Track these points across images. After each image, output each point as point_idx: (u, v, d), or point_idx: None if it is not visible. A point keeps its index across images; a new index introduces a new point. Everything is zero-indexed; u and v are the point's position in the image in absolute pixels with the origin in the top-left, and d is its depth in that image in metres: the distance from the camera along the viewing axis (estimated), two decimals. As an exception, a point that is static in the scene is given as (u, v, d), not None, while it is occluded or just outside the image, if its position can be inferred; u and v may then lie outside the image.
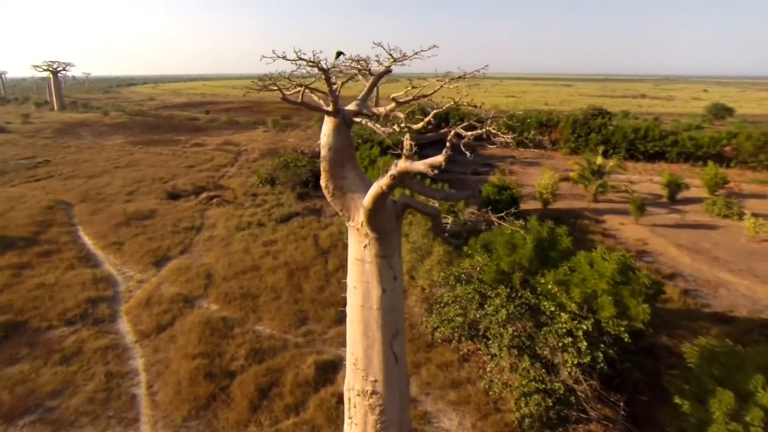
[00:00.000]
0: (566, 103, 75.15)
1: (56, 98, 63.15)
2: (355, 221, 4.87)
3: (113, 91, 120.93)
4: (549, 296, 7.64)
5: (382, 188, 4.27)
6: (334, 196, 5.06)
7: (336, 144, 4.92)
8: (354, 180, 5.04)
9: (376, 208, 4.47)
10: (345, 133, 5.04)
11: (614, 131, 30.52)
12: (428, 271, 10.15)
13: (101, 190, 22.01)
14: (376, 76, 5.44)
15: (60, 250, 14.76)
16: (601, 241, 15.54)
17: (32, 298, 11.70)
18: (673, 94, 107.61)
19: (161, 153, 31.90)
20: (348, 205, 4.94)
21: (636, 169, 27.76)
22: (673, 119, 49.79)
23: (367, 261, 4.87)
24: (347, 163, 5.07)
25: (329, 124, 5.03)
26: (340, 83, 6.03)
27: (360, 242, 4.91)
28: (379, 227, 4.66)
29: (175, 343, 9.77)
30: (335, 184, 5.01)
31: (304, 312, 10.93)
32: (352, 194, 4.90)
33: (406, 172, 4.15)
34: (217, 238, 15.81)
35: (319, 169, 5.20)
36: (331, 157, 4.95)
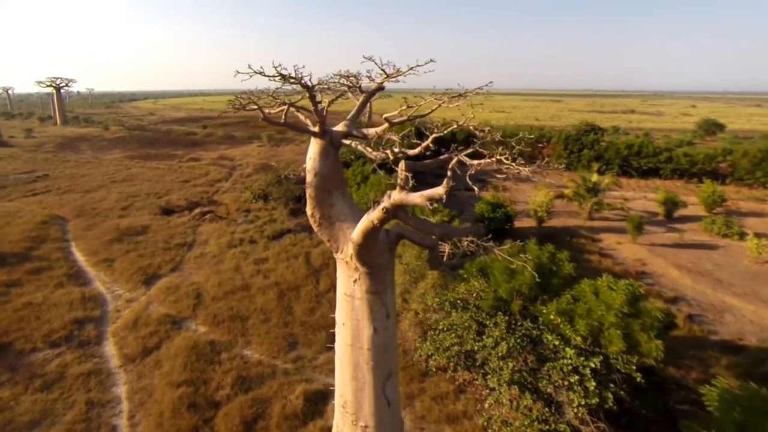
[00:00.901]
0: (556, 118, 75.92)
1: (59, 113, 63.88)
2: (344, 254, 4.53)
3: (115, 106, 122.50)
4: (551, 328, 7.32)
5: (374, 222, 3.96)
6: (320, 226, 4.71)
7: (323, 168, 4.58)
8: (343, 208, 4.69)
9: (367, 242, 4.17)
10: (333, 157, 4.67)
11: (607, 147, 30.61)
12: (422, 295, 9.92)
13: (96, 204, 21.92)
14: (367, 93, 5.14)
15: (51, 267, 14.55)
16: (599, 261, 15.34)
17: (18, 318, 11.43)
18: (662, 110, 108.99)
19: (158, 168, 31.94)
20: (336, 235, 4.60)
21: (630, 185, 27.73)
22: (663, 135, 50.19)
23: (357, 297, 4.55)
24: (335, 189, 4.70)
25: (315, 147, 4.69)
26: (327, 102, 5.73)
27: (349, 276, 4.58)
28: (370, 262, 4.37)
29: (160, 369, 9.46)
30: (322, 212, 4.67)
31: (293, 336, 10.65)
32: (341, 224, 4.55)
33: (401, 205, 3.84)
34: (209, 255, 15.61)
35: None
36: (317, 183, 4.59)
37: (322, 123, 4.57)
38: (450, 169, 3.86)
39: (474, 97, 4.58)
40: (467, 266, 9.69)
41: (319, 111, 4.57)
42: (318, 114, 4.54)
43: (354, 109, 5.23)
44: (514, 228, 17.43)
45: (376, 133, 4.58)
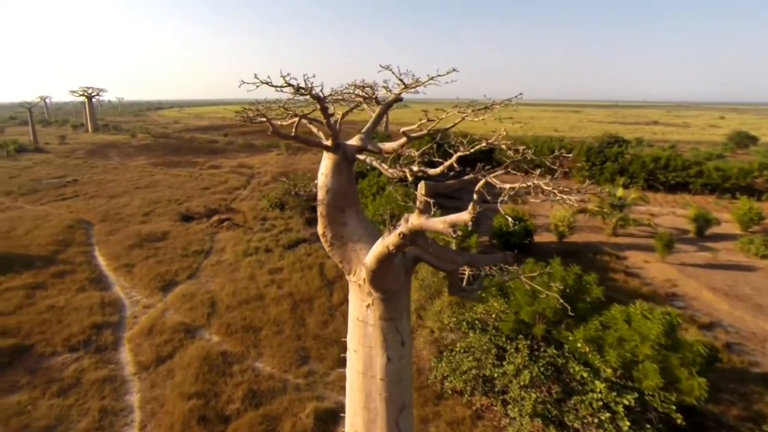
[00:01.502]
0: (576, 129, 74.18)
1: (90, 121, 67.15)
2: (357, 276, 4.27)
3: (143, 115, 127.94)
4: (578, 356, 6.85)
5: (389, 248, 3.67)
6: (332, 246, 4.45)
7: (335, 185, 4.32)
8: (356, 228, 4.42)
9: (381, 268, 3.91)
10: (346, 173, 4.40)
11: (632, 160, 29.43)
12: (438, 313, 9.57)
13: (120, 210, 22.61)
14: (384, 105, 4.89)
15: (74, 271, 14.95)
16: (625, 280, 14.58)
17: (41, 321, 11.71)
18: (688, 121, 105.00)
19: (179, 174, 32.86)
20: (348, 257, 4.34)
21: (656, 200, 26.52)
22: (691, 147, 48.19)
23: (370, 323, 4.27)
24: (348, 207, 4.43)
25: (328, 162, 4.42)
26: (341, 114, 5.48)
27: (362, 301, 4.32)
28: (384, 287, 4.11)
29: (172, 379, 9.43)
30: (334, 232, 4.40)
31: (306, 349, 10.46)
32: (354, 244, 4.29)
33: (420, 231, 3.54)
34: (225, 263, 15.72)
35: None
36: (329, 200, 4.34)
37: (334, 137, 4.35)
38: (477, 191, 3.56)
39: (502, 110, 4.25)
40: (485, 284, 9.31)
41: (332, 124, 4.32)
42: (330, 127, 4.30)
43: (369, 121, 4.99)
44: (533, 243, 16.84)
45: (393, 148, 4.31)
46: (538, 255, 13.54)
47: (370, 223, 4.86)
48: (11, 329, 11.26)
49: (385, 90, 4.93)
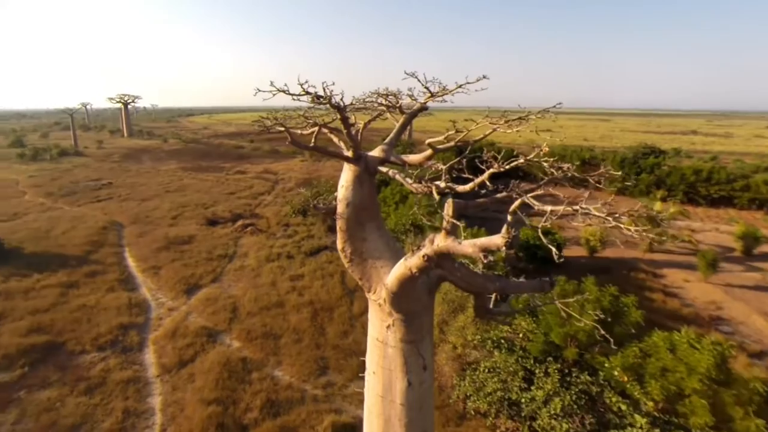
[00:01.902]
0: (606, 138, 71.42)
1: (125, 126, 70.91)
2: (377, 295, 4.02)
3: (174, 121, 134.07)
4: (614, 384, 6.32)
5: (412, 271, 3.44)
6: (351, 262, 4.23)
7: (356, 198, 4.12)
8: (377, 243, 4.18)
9: (403, 291, 3.68)
10: (368, 185, 4.20)
11: (670, 172, 27.84)
12: (461, 329, 9.19)
13: (150, 213, 23.46)
14: (408, 114, 4.67)
15: (105, 271, 15.51)
16: (663, 300, 13.62)
17: (73, 319, 12.13)
18: (731, 131, 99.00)
19: (207, 179, 33.91)
20: (368, 274, 4.11)
21: (697, 214, 24.92)
22: (735, 159, 45.20)
23: (391, 345, 4.03)
24: (369, 221, 4.21)
25: (349, 174, 4.23)
26: (363, 124, 5.33)
27: (382, 321, 4.08)
28: (405, 309, 3.87)
29: (193, 383, 9.47)
30: (353, 247, 4.18)
31: (325, 360, 10.29)
32: (374, 261, 4.06)
33: (446, 254, 3.28)
34: (248, 268, 15.88)
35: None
36: (349, 214, 4.14)
37: (356, 148, 4.15)
38: (511, 212, 3.28)
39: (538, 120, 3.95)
40: (512, 302, 8.84)
41: (353, 134, 4.11)
42: (351, 138, 4.09)
43: (393, 131, 4.78)
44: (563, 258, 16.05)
45: (417, 160, 4.08)
46: (568, 270, 12.88)
47: (392, 239, 4.63)
48: (46, 326, 11.72)
49: (410, 98, 4.74)
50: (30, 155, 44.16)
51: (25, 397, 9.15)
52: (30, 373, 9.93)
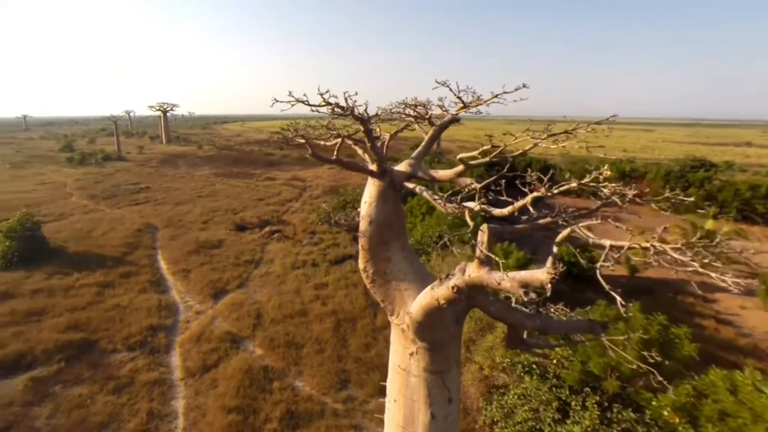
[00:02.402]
0: (648, 150, 67.61)
1: (164, 133, 75.03)
2: (400, 319, 3.74)
3: (210, 128, 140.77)
4: (663, 425, 5.68)
5: (439, 302, 3.14)
6: (373, 283, 4.00)
7: (380, 215, 3.87)
8: (401, 264, 3.92)
9: (429, 321, 3.41)
10: (393, 202, 3.95)
11: (722, 187, 25.68)
12: (489, 350, 8.67)
13: (183, 216, 24.35)
14: (438, 126, 4.37)
15: (138, 273, 16.10)
16: (715, 328, 12.40)
17: (107, 318, 12.59)
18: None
19: (237, 185, 34.99)
20: (391, 296, 3.85)
21: (754, 234, 22.85)
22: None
23: (414, 374, 3.71)
24: (394, 240, 3.95)
25: (373, 189, 4.00)
26: (389, 136, 5.13)
27: (405, 347, 3.77)
28: (430, 338, 3.57)
29: (215, 389, 9.48)
30: (376, 267, 3.94)
31: (346, 372, 10.03)
32: (398, 283, 3.80)
33: (480, 286, 2.96)
34: (273, 275, 16.00)
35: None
36: (372, 232, 3.88)
37: (380, 162, 3.91)
38: (558, 243, 2.94)
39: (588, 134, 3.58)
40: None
41: (377, 148, 3.89)
42: (375, 151, 3.85)
43: (421, 144, 4.50)
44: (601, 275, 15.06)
45: (447, 176, 3.75)
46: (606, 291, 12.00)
47: (418, 260, 4.34)
48: (82, 323, 12.22)
49: (441, 109, 4.50)
50: (78, 159, 47.46)
51: (59, 392, 9.47)
52: (65, 368, 10.31)
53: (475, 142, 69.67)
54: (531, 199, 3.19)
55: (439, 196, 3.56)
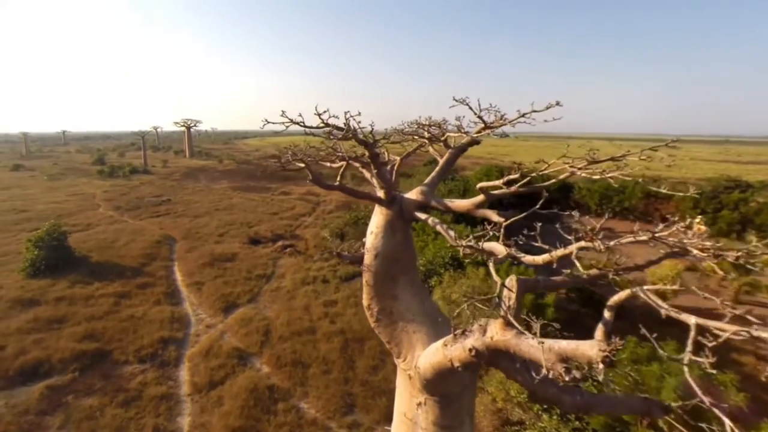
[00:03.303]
0: (674, 168, 65.18)
1: (188, 148, 78.09)
2: (407, 363, 3.36)
3: (231, 143, 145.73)
4: None
5: (452, 363, 2.78)
6: (378, 322, 3.57)
7: (387, 248, 3.49)
8: (410, 303, 3.50)
9: (439, 380, 3.05)
10: (402, 233, 3.56)
11: (760, 209, 24.05)
12: (504, 381, 8.30)
13: (200, 229, 24.96)
14: (455, 149, 4.00)
15: (155, 284, 16.47)
16: (755, 365, 11.51)
17: (121, 329, 12.84)
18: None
19: (253, 199, 35.76)
20: (398, 338, 3.43)
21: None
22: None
23: (422, 426, 3.32)
24: (402, 276, 3.54)
25: (380, 218, 3.65)
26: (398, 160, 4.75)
27: (412, 395, 3.39)
28: (441, 391, 3.22)
29: (220, 407, 9.41)
30: (381, 305, 3.53)
31: (352, 396, 9.79)
32: (406, 324, 3.40)
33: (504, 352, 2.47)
34: (283, 290, 16.05)
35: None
36: (378, 266, 3.50)
37: (388, 189, 3.59)
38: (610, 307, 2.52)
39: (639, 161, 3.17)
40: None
41: (384, 173, 3.53)
42: (383, 178, 3.51)
43: (435, 170, 4.09)
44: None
45: (465, 207, 3.30)
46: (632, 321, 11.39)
47: (428, 297, 3.90)
48: (98, 333, 12.50)
49: (458, 130, 4.10)
50: (107, 172, 49.85)
51: (72, 402, 9.62)
52: (79, 378, 10.51)
53: (488, 159, 69.10)
54: (577, 248, 2.67)
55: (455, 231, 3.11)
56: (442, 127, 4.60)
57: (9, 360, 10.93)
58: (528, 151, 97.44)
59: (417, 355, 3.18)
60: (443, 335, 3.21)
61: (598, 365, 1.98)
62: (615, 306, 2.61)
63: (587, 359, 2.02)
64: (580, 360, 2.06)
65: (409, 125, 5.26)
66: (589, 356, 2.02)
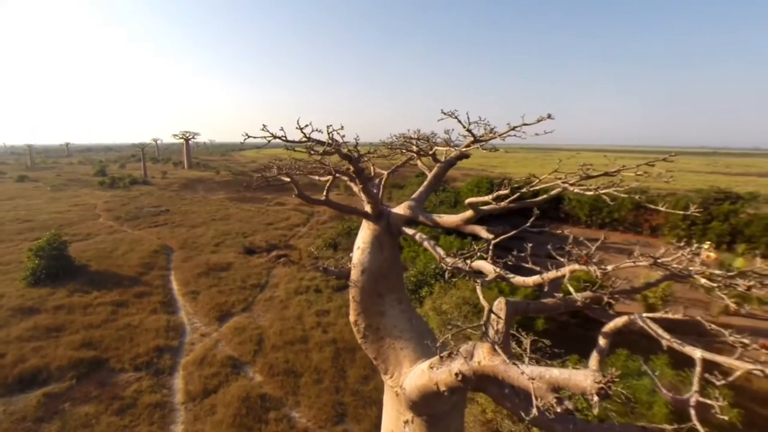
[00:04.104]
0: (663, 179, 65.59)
1: (186, 159, 78.77)
2: (394, 381, 3.37)
3: (228, 155, 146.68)
4: None
5: (438, 387, 2.74)
6: (365, 339, 3.62)
7: (374, 264, 3.50)
8: (397, 319, 3.51)
9: (425, 402, 3.05)
10: (389, 249, 3.59)
11: (750, 221, 24.12)
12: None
13: (197, 239, 25.31)
14: (443, 163, 3.93)
15: (151, 293, 16.76)
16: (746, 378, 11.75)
17: (118, 337, 13.11)
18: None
19: (249, 209, 36.20)
20: (385, 354, 3.45)
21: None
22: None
23: None
24: (389, 293, 3.55)
25: (367, 233, 3.66)
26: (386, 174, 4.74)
27: (399, 413, 3.36)
28: (427, 411, 3.22)
29: (213, 415, 9.67)
30: (368, 321, 3.56)
31: (344, 405, 10.08)
32: (393, 341, 3.40)
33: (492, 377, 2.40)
34: (277, 299, 16.37)
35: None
36: (364, 282, 3.52)
37: (374, 203, 3.60)
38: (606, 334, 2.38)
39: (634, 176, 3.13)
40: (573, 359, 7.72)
41: (369, 189, 3.50)
42: (368, 193, 3.50)
43: (423, 184, 4.12)
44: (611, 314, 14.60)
45: (453, 223, 3.28)
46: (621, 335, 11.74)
47: (416, 314, 3.88)
48: (95, 342, 12.76)
49: (447, 144, 4.00)
50: (108, 183, 50.30)
51: (68, 410, 9.86)
52: (76, 386, 10.75)
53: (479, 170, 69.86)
54: (570, 272, 2.56)
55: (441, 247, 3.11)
56: (431, 140, 4.53)
57: (8, 367, 11.18)
58: (519, 162, 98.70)
59: (404, 372, 3.18)
60: (431, 353, 3.20)
61: (592, 397, 1.86)
62: (610, 333, 2.55)
63: (581, 390, 1.90)
64: (573, 390, 1.97)
65: (397, 138, 5.24)
66: (583, 387, 1.90)
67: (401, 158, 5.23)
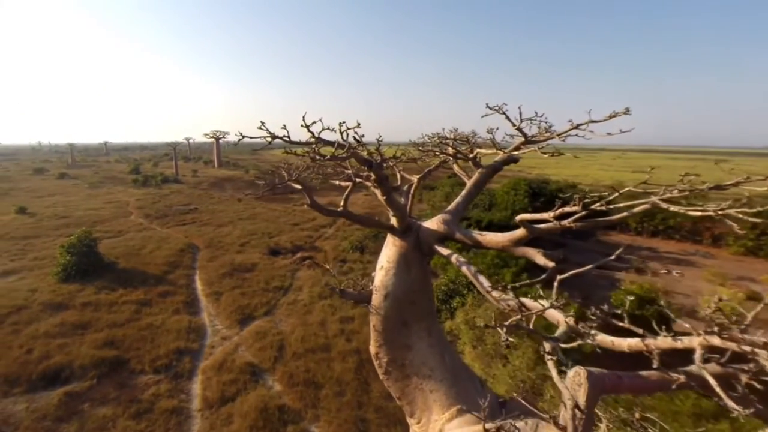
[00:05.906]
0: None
1: (216, 158, 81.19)
2: (421, 426, 2.84)
3: (257, 154, 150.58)
4: None
5: None
6: (388, 375, 3.10)
7: (400, 288, 2.97)
8: (426, 355, 2.89)
9: None
10: (418, 269, 3.02)
11: None
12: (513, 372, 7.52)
13: (222, 238, 25.40)
14: (487, 168, 3.39)
15: (175, 292, 16.67)
16: None
17: (140, 337, 12.94)
18: None
19: (275, 209, 36.30)
20: (411, 395, 2.92)
21: None
22: None
23: None
24: (417, 322, 2.96)
25: (392, 251, 3.13)
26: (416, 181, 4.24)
27: None
28: None
29: (229, 425, 9.11)
30: (392, 356, 3.03)
31: (366, 422, 9.24)
32: (421, 381, 2.83)
33: None
34: (300, 303, 15.81)
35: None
36: (388, 309, 2.99)
37: (402, 216, 3.04)
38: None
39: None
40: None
41: (394, 200, 2.94)
42: (394, 205, 2.94)
43: (461, 194, 3.49)
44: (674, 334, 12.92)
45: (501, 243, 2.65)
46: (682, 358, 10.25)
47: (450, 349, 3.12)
48: (118, 341, 12.64)
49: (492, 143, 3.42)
50: (141, 181, 52.41)
51: (87, 411, 9.63)
52: (96, 385, 10.57)
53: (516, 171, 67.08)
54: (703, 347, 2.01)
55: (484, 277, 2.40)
56: (471, 141, 4.01)
57: (34, 363, 11.18)
58: (560, 163, 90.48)
59: (433, 420, 2.68)
60: (468, 398, 2.66)
61: None
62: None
63: None
64: None
65: (430, 138, 4.72)
66: None
67: (434, 161, 4.57)
